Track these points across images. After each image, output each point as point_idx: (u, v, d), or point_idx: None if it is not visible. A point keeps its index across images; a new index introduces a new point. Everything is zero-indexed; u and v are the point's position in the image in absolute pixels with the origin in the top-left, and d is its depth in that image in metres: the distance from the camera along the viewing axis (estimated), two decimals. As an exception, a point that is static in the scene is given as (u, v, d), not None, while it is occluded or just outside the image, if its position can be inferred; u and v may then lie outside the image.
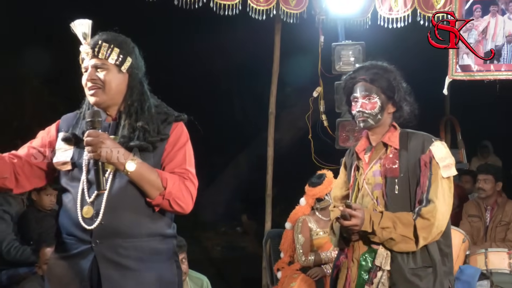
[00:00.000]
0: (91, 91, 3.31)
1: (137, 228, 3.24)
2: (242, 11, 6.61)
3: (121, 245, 3.22)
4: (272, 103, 7.34)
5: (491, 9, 6.46)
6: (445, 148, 3.81)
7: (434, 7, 6.53)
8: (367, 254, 3.82)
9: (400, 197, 3.76)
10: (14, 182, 3.40)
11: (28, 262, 6.01)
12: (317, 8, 6.92)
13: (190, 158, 3.37)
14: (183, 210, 3.29)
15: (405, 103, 3.88)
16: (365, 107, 3.83)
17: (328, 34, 7.03)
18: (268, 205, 7.29)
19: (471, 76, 6.49)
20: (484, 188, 7.09)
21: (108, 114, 3.38)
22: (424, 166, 3.73)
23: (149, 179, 3.20)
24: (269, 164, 7.27)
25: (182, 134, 3.38)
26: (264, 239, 6.68)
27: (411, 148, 3.80)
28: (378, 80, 3.84)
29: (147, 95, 3.38)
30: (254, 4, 6.62)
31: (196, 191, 3.34)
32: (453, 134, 9.57)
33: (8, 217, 6.22)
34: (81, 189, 3.27)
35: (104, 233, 3.20)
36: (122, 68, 3.32)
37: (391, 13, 6.65)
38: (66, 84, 10.23)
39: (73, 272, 3.26)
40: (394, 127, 3.90)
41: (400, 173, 3.77)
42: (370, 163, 3.89)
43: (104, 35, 3.34)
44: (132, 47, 3.38)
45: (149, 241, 3.27)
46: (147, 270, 3.25)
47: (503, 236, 6.92)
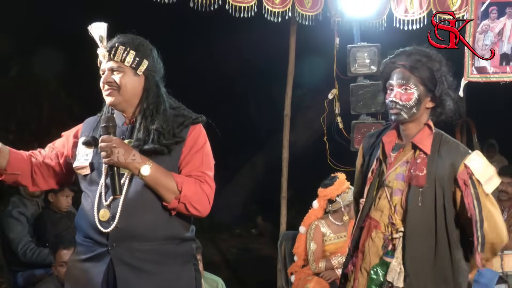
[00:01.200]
0: (106, 92, 3.34)
1: (154, 232, 3.25)
2: (258, 13, 6.61)
3: (137, 248, 3.23)
4: (287, 105, 7.33)
5: (507, 11, 6.43)
6: (482, 159, 3.43)
7: (450, 8, 6.50)
8: (379, 267, 3.50)
9: (423, 209, 3.41)
10: (29, 180, 3.46)
11: (44, 264, 6.04)
12: (332, 10, 6.90)
13: (208, 161, 3.37)
14: (199, 213, 3.30)
15: (448, 98, 3.47)
16: (399, 98, 3.43)
17: (343, 36, 7.02)
18: (283, 207, 7.29)
19: (487, 78, 6.46)
20: (508, 191, 7.04)
21: (125, 117, 3.40)
22: (464, 185, 3.34)
23: (164, 183, 3.21)
24: (284, 166, 7.27)
25: (200, 136, 3.37)
26: (279, 241, 6.67)
27: (442, 158, 3.42)
28: (418, 68, 3.43)
29: (163, 97, 3.39)
30: (270, 6, 6.62)
31: (214, 194, 3.34)
32: (469, 136, 9.54)
33: (24, 219, 6.25)
34: (98, 193, 3.30)
35: (120, 236, 3.22)
36: (138, 71, 3.34)
37: (406, 15, 6.63)
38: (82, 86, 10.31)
39: (90, 274, 3.28)
40: (429, 127, 3.50)
41: (426, 183, 3.40)
42: (395, 164, 3.51)
43: (121, 38, 3.36)
44: (149, 49, 3.40)
45: (166, 244, 3.27)
46: (164, 273, 3.26)
47: (519, 236, 6.88)
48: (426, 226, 3.41)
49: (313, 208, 6.24)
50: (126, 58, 3.32)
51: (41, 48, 9.70)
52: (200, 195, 3.27)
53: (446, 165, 3.40)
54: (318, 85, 8.85)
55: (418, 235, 3.42)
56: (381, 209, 3.55)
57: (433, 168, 3.41)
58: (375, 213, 3.58)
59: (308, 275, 6.02)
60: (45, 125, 9.96)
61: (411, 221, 3.42)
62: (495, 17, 6.42)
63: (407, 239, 3.43)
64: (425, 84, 3.44)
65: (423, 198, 3.40)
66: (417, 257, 3.42)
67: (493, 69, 6.43)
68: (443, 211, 3.40)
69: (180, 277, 3.32)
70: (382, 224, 3.54)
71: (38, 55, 9.81)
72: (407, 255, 3.42)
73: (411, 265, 3.41)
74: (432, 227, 3.40)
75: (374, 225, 3.56)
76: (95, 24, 3.35)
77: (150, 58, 3.38)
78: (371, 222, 3.58)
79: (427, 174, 3.40)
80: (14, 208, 6.26)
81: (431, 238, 3.41)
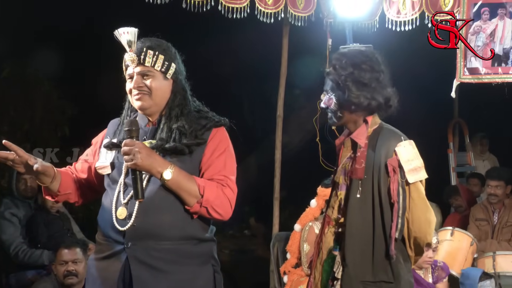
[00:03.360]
0: (137, 96, 3.36)
1: (170, 231, 3.26)
2: (250, 14, 6.62)
3: (153, 247, 3.25)
4: (280, 106, 7.34)
5: (499, 12, 6.44)
6: (413, 149, 3.47)
7: (442, 9, 6.51)
8: (329, 260, 3.59)
9: (362, 201, 3.46)
10: (77, 196, 3.56)
11: (36, 265, 6.03)
12: (325, 11, 6.92)
13: (231, 164, 3.41)
14: (221, 217, 3.32)
15: (360, 99, 3.46)
16: (325, 103, 3.56)
17: (336, 37, 7.03)
18: (276, 208, 7.29)
19: (479, 79, 6.47)
20: (496, 194, 7.06)
21: (149, 120, 3.43)
22: (393, 172, 3.40)
23: (186, 187, 3.23)
24: (277, 167, 7.27)
25: (222, 140, 3.40)
26: (271, 242, 6.68)
27: (378, 148, 3.47)
28: (330, 75, 3.54)
29: (188, 100, 3.42)
30: (262, 7, 6.62)
31: (235, 197, 3.37)
32: (461, 137, 9.57)
33: (16, 220, 6.24)
34: (117, 191, 3.34)
35: (136, 234, 3.25)
36: (167, 75, 3.38)
37: (399, 16, 6.65)
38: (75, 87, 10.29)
39: (107, 273, 3.33)
40: (366, 122, 3.55)
41: (365, 174, 3.46)
42: (341, 160, 3.63)
43: (148, 42, 3.39)
44: (174, 52, 3.44)
45: (183, 244, 3.28)
46: (180, 273, 3.27)
47: (509, 237, 6.91)
48: (365, 218, 3.47)
49: (311, 207, 6.23)
50: (156, 63, 3.34)
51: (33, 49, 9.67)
52: (222, 199, 3.30)
53: (382, 155, 3.46)
54: (310, 86, 8.85)
55: (357, 226, 3.48)
56: (332, 205, 3.65)
57: (370, 160, 3.48)
58: (328, 210, 3.68)
59: (301, 277, 6.02)
60: (37, 126, 9.92)
61: (351, 213, 3.49)
62: (487, 18, 6.44)
63: (347, 231, 3.50)
64: (336, 90, 3.53)
65: (362, 190, 3.46)
66: (355, 248, 3.47)
67: (485, 70, 6.44)
68: (379, 203, 3.45)
69: (197, 277, 3.32)
70: (333, 219, 3.63)
71: (31, 56, 9.78)
72: (346, 246, 3.49)
73: (350, 256, 3.47)
74: (370, 218, 3.46)
75: (327, 221, 3.66)
76: (123, 29, 3.36)
77: (176, 61, 3.43)
78: (326, 219, 3.69)
79: (365, 167, 3.47)
80: (6, 210, 6.25)
81: (369, 229, 3.46)
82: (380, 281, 3.44)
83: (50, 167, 3.40)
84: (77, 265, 5.38)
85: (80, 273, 5.38)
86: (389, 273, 3.44)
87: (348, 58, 3.56)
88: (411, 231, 3.46)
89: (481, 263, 6.47)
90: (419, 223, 3.46)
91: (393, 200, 3.41)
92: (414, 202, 3.44)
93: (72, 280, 5.36)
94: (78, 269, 5.38)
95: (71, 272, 5.35)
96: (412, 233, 3.46)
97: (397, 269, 3.46)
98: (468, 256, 6.32)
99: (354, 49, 3.71)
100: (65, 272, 5.34)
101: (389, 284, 3.44)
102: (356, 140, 3.54)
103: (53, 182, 3.43)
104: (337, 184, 3.63)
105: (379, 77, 3.52)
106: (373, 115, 3.57)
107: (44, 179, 3.41)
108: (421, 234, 3.47)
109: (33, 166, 3.27)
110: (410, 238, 3.48)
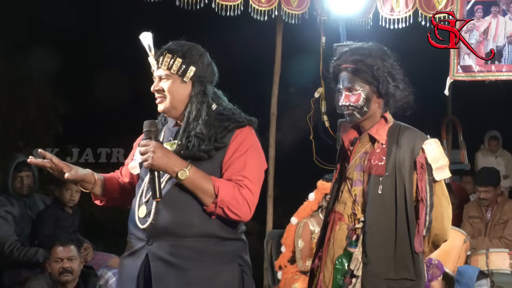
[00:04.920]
0: (157, 100, 3.44)
1: (188, 229, 3.28)
2: (244, 12, 6.62)
3: (172, 245, 3.27)
4: (274, 103, 7.35)
5: (493, 9, 6.47)
6: (439, 147, 3.50)
7: (436, 7, 6.53)
8: (343, 257, 3.53)
9: (383, 198, 3.46)
10: (123, 200, 3.65)
11: (31, 263, 6.02)
12: (318, 9, 6.92)
13: (252, 165, 3.35)
14: (239, 218, 3.30)
15: (396, 90, 3.53)
16: (348, 100, 3.53)
17: (329, 34, 7.04)
18: (270, 206, 7.30)
19: (472, 76, 6.50)
20: (486, 198, 7.06)
21: (176, 121, 3.49)
22: (421, 169, 3.43)
23: (202, 187, 3.24)
24: (271, 164, 7.28)
25: (245, 140, 3.38)
26: (265, 239, 6.68)
27: (401, 145, 3.48)
28: (359, 70, 3.52)
29: (208, 102, 3.42)
30: (256, 5, 6.63)
31: (256, 199, 3.32)
32: (455, 134, 9.57)
33: (10, 218, 6.22)
34: (141, 190, 3.41)
35: (155, 232, 3.29)
36: (185, 78, 3.39)
37: (392, 13, 6.66)
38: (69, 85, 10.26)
39: (129, 269, 3.39)
40: (385, 119, 3.57)
41: (386, 171, 3.45)
42: (354, 156, 3.59)
43: (171, 45, 3.46)
44: (198, 55, 3.46)
45: (202, 242, 3.29)
46: (199, 270, 3.27)
47: (500, 235, 6.93)
48: (387, 215, 3.46)
49: (309, 200, 6.22)
50: (173, 66, 3.38)
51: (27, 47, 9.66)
52: (238, 199, 3.26)
53: (406, 152, 3.47)
54: (304, 84, 8.86)
55: (378, 223, 3.47)
56: (344, 201, 3.60)
57: (392, 156, 3.47)
58: (338, 206, 3.64)
59: (295, 274, 6.02)
60: (30, 124, 9.92)
61: (372, 210, 3.47)
62: (480, 16, 6.46)
63: (368, 228, 3.47)
64: (370, 83, 3.52)
65: (383, 186, 3.45)
66: (378, 245, 3.46)
67: (478, 67, 6.46)
68: (403, 200, 3.45)
69: (218, 276, 3.31)
70: (346, 216, 3.59)
71: (24, 54, 9.77)
72: (368, 243, 3.46)
73: (372, 253, 3.45)
74: (392, 215, 3.45)
75: (338, 217, 3.62)
76: (143, 34, 3.44)
77: (198, 64, 3.43)
78: (335, 216, 3.64)
79: (386, 163, 3.47)
80: (1, 207, 6.22)
81: (391, 226, 3.46)
82: (402, 279, 3.44)
83: (89, 174, 3.52)
84: (72, 262, 5.38)
85: (75, 270, 5.38)
86: (410, 270, 3.44)
87: (375, 49, 3.60)
88: (433, 228, 3.46)
89: (474, 260, 6.48)
90: (442, 220, 3.48)
91: (422, 197, 3.42)
92: (439, 200, 3.47)
93: (67, 277, 5.35)
94: (73, 266, 5.37)
95: (66, 269, 5.34)
96: (434, 230, 3.47)
97: (419, 266, 3.47)
98: (462, 254, 6.32)
99: (370, 45, 3.66)
100: (61, 269, 5.34)
101: (411, 282, 3.44)
102: (375, 136, 3.54)
103: (94, 187, 3.55)
104: (349, 180, 3.60)
105: (401, 72, 3.59)
106: (388, 112, 3.60)
107: (85, 185, 3.54)
108: (443, 231, 3.50)
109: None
110: (431, 235, 3.49)
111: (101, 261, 6.24)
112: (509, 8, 6.44)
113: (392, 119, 3.61)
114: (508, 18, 6.44)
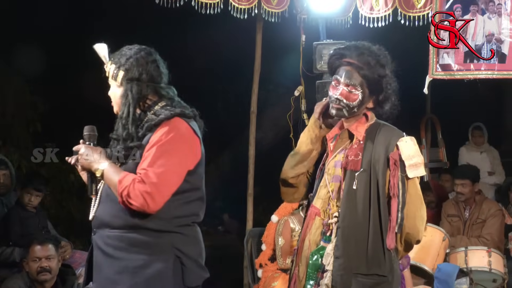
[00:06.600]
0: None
1: (119, 220, 3.44)
2: (224, 10, 6.61)
3: (107, 235, 3.47)
4: (254, 102, 7.34)
5: (471, 8, 6.50)
6: (414, 145, 3.49)
7: (415, 6, 6.55)
8: (317, 252, 3.55)
9: (357, 193, 3.46)
10: None
11: (7, 263, 5.97)
12: (298, 7, 6.92)
13: (159, 156, 3.36)
14: (140, 210, 3.35)
15: (388, 103, 3.57)
16: (344, 96, 3.51)
17: (309, 33, 7.04)
18: (250, 204, 7.30)
19: (451, 75, 6.53)
20: (462, 192, 7.09)
21: None
22: (394, 165, 3.42)
23: (111, 182, 3.42)
24: (251, 163, 7.28)
25: (164, 133, 3.40)
26: (245, 238, 6.68)
27: (377, 142, 3.49)
28: (366, 72, 3.50)
29: (130, 103, 3.48)
30: (236, 3, 6.62)
31: (157, 190, 3.32)
32: (434, 132, 9.62)
33: (-14, 218, 6.18)
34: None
35: (96, 223, 3.54)
36: (117, 82, 3.52)
37: (372, 12, 6.67)
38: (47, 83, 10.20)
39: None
40: (366, 117, 3.59)
41: (361, 167, 3.47)
42: (334, 152, 3.60)
43: (115, 52, 3.57)
44: (128, 57, 3.50)
45: (132, 233, 3.43)
46: (128, 260, 3.41)
47: (478, 234, 6.96)
48: (360, 210, 3.46)
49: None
50: (110, 72, 3.54)
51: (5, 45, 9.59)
52: (134, 192, 3.31)
53: (382, 149, 3.48)
54: (284, 82, 8.87)
55: (351, 218, 3.48)
56: (321, 196, 3.62)
57: (368, 152, 3.49)
58: (316, 201, 3.66)
59: (275, 273, 6.02)
60: (9, 122, 9.84)
61: (346, 205, 3.48)
62: (460, 15, 6.49)
63: (341, 222, 3.49)
64: (370, 88, 3.52)
65: (358, 182, 3.47)
66: (349, 240, 3.47)
67: (457, 66, 6.49)
68: (376, 196, 3.46)
69: (147, 266, 3.40)
70: (322, 211, 3.61)
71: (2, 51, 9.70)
72: (340, 237, 3.48)
73: (343, 247, 3.46)
74: (366, 211, 3.46)
75: (315, 212, 3.63)
76: (97, 45, 3.58)
77: (127, 66, 3.49)
78: (313, 210, 3.66)
79: (362, 159, 3.48)
80: (-23, 206, 6.19)
81: (364, 221, 3.47)
82: (373, 274, 3.43)
83: None
84: (50, 261, 5.35)
85: (53, 269, 5.35)
86: (383, 266, 3.44)
87: (383, 54, 3.60)
88: (405, 227, 3.45)
89: (453, 258, 6.52)
90: (413, 219, 3.46)
91: (394, 193, 3.42)
92: (411, 198, 3.46)
93: (46, 276, 5.33)
94: (51, 265, 5.35)
95: (44, 268, 5.32)
96: (405, 229, 3.45)
97: (391, 263, 3.47)
98: (441, 251, 6.36)
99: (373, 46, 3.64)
100: (39, 268, 5.31)
101: (382, 278, 3.44)
102: (354, 133, 3.57)
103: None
104: (328, 176, 3.60)
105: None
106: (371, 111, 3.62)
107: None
108: (414, 230, 3.48)
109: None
110: (403, 233, 3.47)
111: (79, 260, 6.21)
112: (487, 7, 6.47)
113: (374, 118, 3.62)
114: (487, 17, 6.48)
